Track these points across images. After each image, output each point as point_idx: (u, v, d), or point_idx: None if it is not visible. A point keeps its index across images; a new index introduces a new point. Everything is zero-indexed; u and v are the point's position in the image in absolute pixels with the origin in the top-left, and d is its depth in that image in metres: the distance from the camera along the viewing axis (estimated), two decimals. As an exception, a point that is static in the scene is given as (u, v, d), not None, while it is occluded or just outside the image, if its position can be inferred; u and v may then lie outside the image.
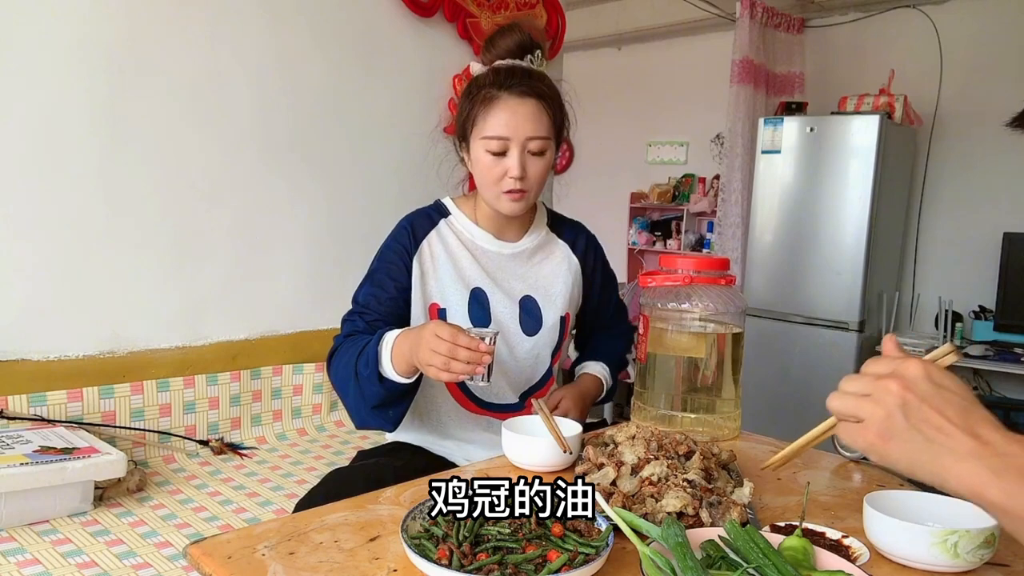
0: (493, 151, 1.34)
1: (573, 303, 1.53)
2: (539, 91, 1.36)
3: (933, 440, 0.65)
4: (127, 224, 2.20)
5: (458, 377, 1.16)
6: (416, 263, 1.42)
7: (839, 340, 3.75)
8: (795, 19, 4.45)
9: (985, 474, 0.63)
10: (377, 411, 1.32)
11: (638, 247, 5.62)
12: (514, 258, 1.47)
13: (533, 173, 1.36)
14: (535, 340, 1.46)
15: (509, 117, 1.33)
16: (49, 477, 1.66)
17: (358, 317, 1.38)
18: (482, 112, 1.35)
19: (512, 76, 1.35)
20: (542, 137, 1.35)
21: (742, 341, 1.39)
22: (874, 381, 0.69)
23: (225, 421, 2.32)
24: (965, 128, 4.02)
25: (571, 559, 0.77)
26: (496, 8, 3.18)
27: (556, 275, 1.50)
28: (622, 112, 5.51)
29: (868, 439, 0.68)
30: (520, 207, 1.38)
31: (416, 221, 1.46)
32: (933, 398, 0.66)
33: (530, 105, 1.34)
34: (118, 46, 2.15)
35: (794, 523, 0.90)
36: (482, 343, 1.14)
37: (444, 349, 1.13)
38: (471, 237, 1.46)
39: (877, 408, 0.67)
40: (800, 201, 3.87)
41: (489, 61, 1.41)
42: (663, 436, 1.09)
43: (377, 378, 1.26)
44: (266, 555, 0.83)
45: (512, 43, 1.39)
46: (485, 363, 1.15)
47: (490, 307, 1.43)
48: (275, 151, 2.52)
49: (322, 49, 2.62)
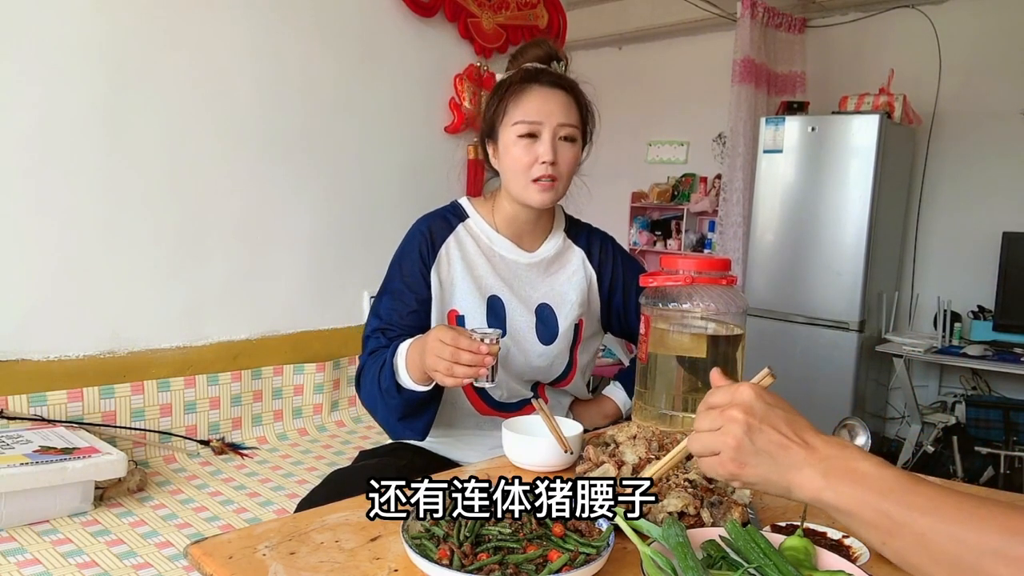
0: (524, 134, 1.34)
1: (587, 308, 1.52)
2: (569, 84, 1.39)
3: (776, 457, 0.72)
4: (127, 224, 2.20)
5: (462, 381, 1.15)
6: (435, 273, 1.40)
7: (839, 340, 3.75)
8: (796, 19, 4.45)
9: (818, 479, 0.69)
10: (404, 423, 1.33)
11: (639, 247, 5.62)
12: (532, 268, 1.46)
13: (563, 161, 1.36)
14: (550, 349, 1.45)
15: (541, 104, 1.35)
16: (49, 477, 1.66)
17: (381, 335, 1.37)
18: (513, 101, 1.36)
19: (541, 73, 1.38)
20: (573, 124, 1.37)
21: (743, 341, 1.39)
22: (720, 414, 0.74)
23: (226, 421, 2.32)
24: (964, 128, 4.02)
25: (572, 559, 0.78)
26: (497, 8, 3.18)
27: (571, 284, 1.49)
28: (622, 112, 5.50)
29: (728, 469, 0.73)
30: (549, 197, 1.37)
31: (434, 225, 1.44)
32: (768, 416, 0.73)
33: (561, 95, 1.37)
34: (118, 46, 2.15)
35: (795, 523, 0.90)
36: (483, 345, 1.13)
37: (447, 354, 1.13)
38: (489, 243, 1.45)
39: (727, 438, 0.73)
40: (801, 201, 3.87)
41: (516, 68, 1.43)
42: (664, 436, 1.09)
43: (396, 389, 1.27)
44: (267, 555, 0.83)
45: (541, 52, 1.42)
46: (488, 365, 1.15)
47: (506, 316, 1.42)
48: (276, 151, 2.53)
49: (323, 49, 2.62)
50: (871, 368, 3.90)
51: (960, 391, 3.91)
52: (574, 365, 1.50)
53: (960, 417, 3.61)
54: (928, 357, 3.55)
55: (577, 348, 1.50)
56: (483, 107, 1.44)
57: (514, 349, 1.41)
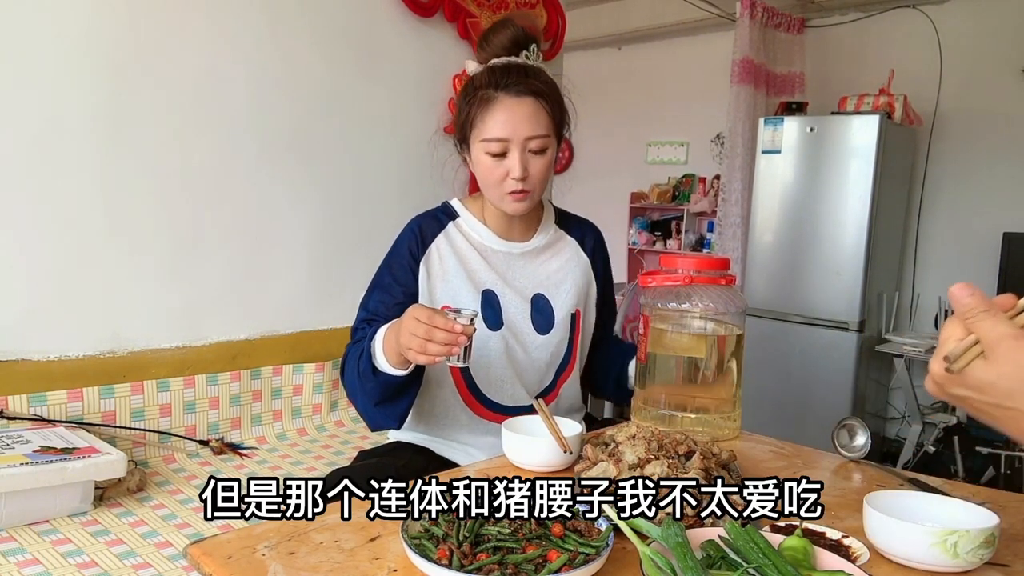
0: (493, 152, 1.33)
1: (584, 299, 1.52)
2: (536, 89, 1.34)
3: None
4: (127, 224, 2.20)
5: (435, 360, 1.15)
6: (423, 266, 1.41)
7: (839, 340, 3.75)
8: (795, 19, 4.45)
9: None
10: (381, 408, 1.32)
11: (638, 247, 5.63)
12: (523, 256, 1.47)
13: (535, 172, 1.35)
14: (548, 338, 1.45)
15: (507, 118, 1.32)
16: (49, 477, 1.66)
17: (367, 325, 1.38)
18: (480, 114, 1.34)
19: (508, 75, 1.33)
20: (541, 136, 1.34)
21: (743, 341, 1.39)
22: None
23: (225, 421, 2.32)
24: (965, 128, 4.02)
25: (571, 559, 0.78)
26: (496, 8, 3.18)
27: (566, 271, 1.50)
28: (622, 112, 5.50)
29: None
30: (524, 207, 1.38)
31: (424, 223, 1.45)
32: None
33: (528, 104, 1.33)
34: (118, 46, 2.14)
35: (794, 523, 0.90)
36: (457, 324, 1.13)
37: (421, 331, 1.13)
38: (480, 238, 1.45)
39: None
40: (800, 201, 3.87)
41: (484, 59, 1.39)
42: (663, 436, 1.09)
43: (372, 372, 1.26)
44: (266, 555, 0.83)
45: (506, 39, 1.37)
46: (461, 344, 1.15)
47: (501, 308, 1.42)
48: (275, 151, 2.52)
49: (322, 49, 2.62)
50: (871, 368, 3.90)
51: (960, 391, 3.90)
52: (573, 356, 1.50)
53: (961, 417, 3.61)
54: (928, 357, 3.54)
55: (577, 340, 1.50)
56: (456, 107, 1.42)
57: (512, 341, 1.41)
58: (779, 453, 1.29)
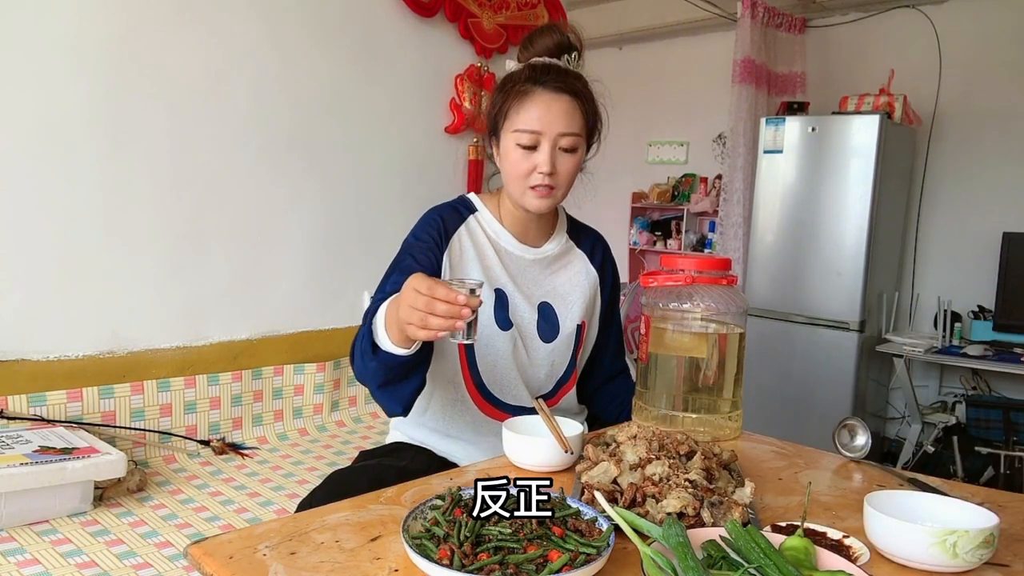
0: (524, 144, 1.33)
1: (590, 312, 1.52)
2: (574, 88, 1.35)
3: None
4: (127, 224, 2.20)
5: (437, 335, 1.03)
6: (447, 258, 1.38)
7: (839, 340, 3.75)
8: (796, 19, 4.45)
9: None
10: (384, 391, 1.26)
11: (639, 247, 5.63)
12: (535, 263, 1.46)
13: (563, 170, 1.35)
14: (551, 347, 1.45)
15: (543, 112, 1.32)
16: (49, 477, 1.66)
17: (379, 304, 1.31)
18: (515, 105, 1.33)
19: (548, 72, 1.34)
20: (574, 134, 1.34)
21: (744, 341, 1.39)
22: None
23: (226, 421, 2.32)
24: (964, 128, 4.02)
25: (572, 559, 0.77)
26: (497, 8, 3.18)
27: (574, 284, 1.49)
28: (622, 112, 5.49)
29: None
30: (546, 204, 1.37)
31: (445, 214, 1.43)
32: None
33: (564, 101, 1.33)
34: (118, 47, 2.15)
35: (795, 523, 0.90)
36: (460, 295, 1.01)
37: (421, 304, 1.01)
38: (496, 237, 1.44)
39: None
40: (801, 201, 3.87)
41: (525, 59, 1.40)
42: (664, 436, 1.09)
43: (372, 351, 1.18)
44: (267, 555, 0.83)
45: (551, 42, 1.38)
46: (465, 317, 1.02)
47: (510, 310, 1.42)
48: (275, 151, 2.53)
49: (323, 49, 2.62)
50: (871, 368, 3.90)
51: (960, 391, 3.91)
52: (575, 367, 1.51)
53: (960, 417, 3.61)
54: (928, 357, 3.55)
55: (579, 352, 1.50)
56: (490, 101, 1.42)
57: (519, 343, 1.41)
58: (780, 453, 1.29)
